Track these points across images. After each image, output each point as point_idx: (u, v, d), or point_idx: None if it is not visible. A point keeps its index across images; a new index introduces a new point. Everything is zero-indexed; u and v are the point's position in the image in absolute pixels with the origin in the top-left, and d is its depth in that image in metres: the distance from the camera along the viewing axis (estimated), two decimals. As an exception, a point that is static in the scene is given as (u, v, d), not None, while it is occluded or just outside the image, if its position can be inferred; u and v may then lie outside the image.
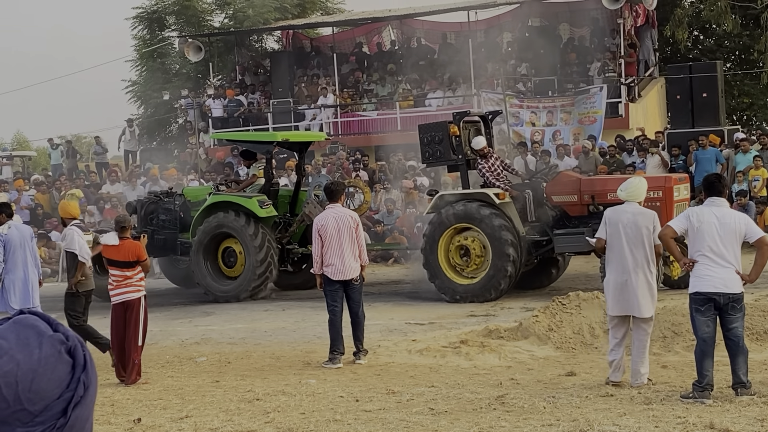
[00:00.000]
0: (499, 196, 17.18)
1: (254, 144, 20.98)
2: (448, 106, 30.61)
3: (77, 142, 46.85)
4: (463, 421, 9.11)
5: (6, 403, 1.44)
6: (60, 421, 1.47)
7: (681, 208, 16.83)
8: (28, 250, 14.08)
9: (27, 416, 1.45)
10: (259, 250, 19.03)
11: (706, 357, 9.63)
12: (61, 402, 1.48)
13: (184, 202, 20.45)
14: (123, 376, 11.89)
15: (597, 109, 28.08)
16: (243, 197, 19.47)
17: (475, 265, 17.38)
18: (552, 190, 17.43)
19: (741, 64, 37.54)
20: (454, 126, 17.85)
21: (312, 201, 19.64)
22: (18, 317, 1.53)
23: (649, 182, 17.14)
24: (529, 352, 12.92)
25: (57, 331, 1.53)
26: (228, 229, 19.36)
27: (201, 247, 19.43)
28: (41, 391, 1.47)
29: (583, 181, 17.53)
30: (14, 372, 1.45)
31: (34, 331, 1.51)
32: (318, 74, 35.12)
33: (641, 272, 10.40)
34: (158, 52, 40.77)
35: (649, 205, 16.42)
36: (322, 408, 10.01)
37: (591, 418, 9.01)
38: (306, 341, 14.37)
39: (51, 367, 1.49)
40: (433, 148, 18.06)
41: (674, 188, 16.67)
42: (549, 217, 17.50)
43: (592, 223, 17.04)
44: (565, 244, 17.08)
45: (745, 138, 25.04)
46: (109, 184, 30.38)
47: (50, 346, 1.50)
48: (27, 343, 1.49)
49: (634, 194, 10.67)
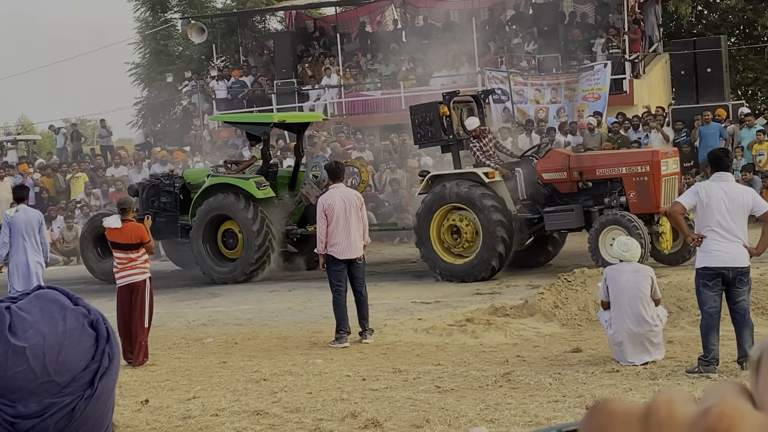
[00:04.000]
0: (489, 175, 17.18)
1: (251, 125, 20.99)
2: (452, 85, 30.54)
3: (82, 125, 46.85)
4: (469, 399, 9.14)
5: (34, 375, 1.47)
6: (87, 391, 1.50)
7: (669, 182, 16.84)
8: (33, 234, 14.13)
9: (55, 387, 1.48)
10: (258, 234, 19.02)
11: (711, 331, 9.64)
12: (87, 373, 1.51)
13: (183, 184, 20.49)
14: (130, 358, 11.93)
15: (601, 85, 27.98)
16: (240, 179, 19.47)
17: (467, 243, 17.41)
18: (542, 167, 17.47)
19: (745, 38, 37.34)
20: (444, 106, 17.86)
21: (310, 182, 19.66)
22: (39, 291, 1.55)
23: (637, 157, 17.33)
24: (534, 329, 12.95)
25: (78, 304, 1.55)
26: (226, 211, 19.39)
27: (200, 228, 19.46)
28: (68, 362, 1.49)
29: (572, 158, 17.59)
30: (41, 344, 1.48)
31: (56, 305, 1.53)
32: (322, 54, 35.03)
33: (646, 325, 10.37)
34: (161, 35, 40.69)
35: (636, 180, 16.68)
36: (328, 387, 10.04)
37: (597, 393, 9.03)
38: (312, 321, 14.40)
39: (76, 339, 1.51)
40: (425, 128, 18.10)
41: (662, 162, 16.67)
42: (541, 195, 17.54)
43: (582, 199, 17.14)
44: (555, 222, 17.14)
45: (750, 113, 24.97)
46: (113, 168, 30.39)
47: (74, 319, 1.53)
48: (51, 317, 1.51)
49: (636, 255, 10.66)
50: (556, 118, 27.67)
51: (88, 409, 1.49)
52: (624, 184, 16.74)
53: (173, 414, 9.26)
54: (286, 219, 19.94)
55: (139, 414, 9.38)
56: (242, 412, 9.14)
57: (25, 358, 1.47)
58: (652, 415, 0.71)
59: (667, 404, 0.71)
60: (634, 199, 16.58)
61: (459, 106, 18.48)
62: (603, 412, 0.73)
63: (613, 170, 16.89)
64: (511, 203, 17.26)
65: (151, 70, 40.43)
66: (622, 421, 0.72)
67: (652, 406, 0.72)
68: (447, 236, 17.54)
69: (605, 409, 0.73)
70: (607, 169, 16.97)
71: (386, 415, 8.66)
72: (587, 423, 0.73)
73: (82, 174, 29.67)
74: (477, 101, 18.80)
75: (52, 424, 1.46)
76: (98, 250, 20.87)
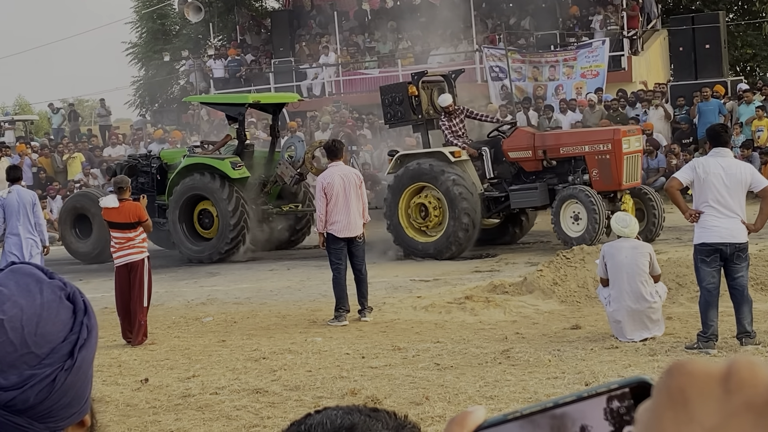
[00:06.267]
0: (455, 154, 17.40)
1: (226, 106, 21.03)
2: (450, 63, 30.47)
3: (79, 105, 46.76)
4: (468, 376, 9.15)
5: (13, 347, 1.48)
6: (67, 362, 1.51)
7: (631, 159, 17.05)
8: (27, 215, 14.15)
9: (35, 359, 1.49)
10: (233, 213, 19.07)
11: (710, 307, 9.65)
12: (66, 344, 1.52)
13: (160, 164, 20.53)
14: (129, 337, 11.94)
15: (600, 62, 27.92)
16: (216, 159, 19.54)
17: (434, 221, 17.62)
18: (508, 146, 17.75)
19: (743, 14, 37.21)
20: (413, 86, 18.06)
21: (284, 162, 19.75)
22: (13, 266, 1.56)
23: (599, 135, 17.59)
24: (533, 306, 12.97)
25: (53, 278, 1.55)
26: (202, 191, 19.45)
27: (176, 208, 19.50)
28: (47, 334, 1.50)
29: (536, 136, 17.86)
30: (19, 317, 1.49)
31: (32, 278, 1.54)
32: (319, 33, 34.92)
33: (644, 302, 10.36)
34: (158, 13, 40.57)
35: (598, 158, 16.88)
36: (328, 365, 10.06)
37: (596, 370, 9.05)
38: (311, 300, 14.41)
39: (54, 311, 1.52)
40: (394, 108, 18.30)
41: (623, 140, 16.90)
42: (507, 173, 17.83)
43: (546, 177, 17.41)
44: (521, 200, 17.44)
45: (749, 89, 24.92)
46: (110, 148, 30.35)
47: (50, 291, 1.54)
48: (28, 290, 1.52)
49: (634, 231, 10.66)
50: (555, 95, 27.63)
51: (68, 381, 1.51)
52: (587, 162, 17.03)
53: (173, 393, 9.28)
54: (262, 199, 20.01)
55: (139, 393, 9.39)
56: (242, 391, 9.16)
57: (3, 330, 1.47)
58: (734, 376, 0.70)
59: (749, 366, 0.71)
60: (597, 176, 16.88)
61: (429, 86, 18.73)
62: (682, 372, 0.72)
63: (576, 149, 17.17)
64: (477, 182, 17.55)
65: (148, 49, 40.32)
66: (702, 381, 0.71)
67: (733, 367, 0.71)
68: (415, 214, 17.76)
69: (684, 368, 0.72)
70: (571, 147, 17.26)
71: (386, 393, 8.68)
72: (665, 383, 0.72)
73: (79, 154, 29.65)
74: (447, 81, 18.98)
75: (33, 395, 1.47)
76: (77, 230, 20.93)
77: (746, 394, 0.70)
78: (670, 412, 0.71)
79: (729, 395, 0.70)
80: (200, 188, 19.43)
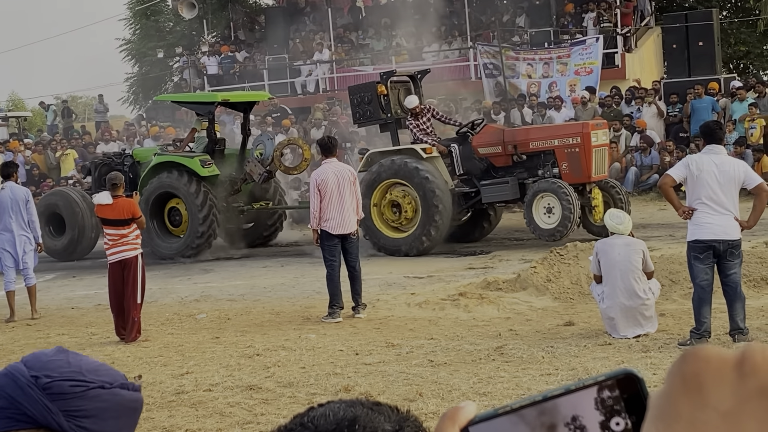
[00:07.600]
0: (426, 151, 17.64)
1: (196, 105, 21.10)
2: (444, 60, 30.48)
3: (72, 102, 46.67)
4: (462, 373, 9.16)
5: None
6: (114, 390, 1.70)
7: (599, 153, 17.35)
8: (20, 212, 14.14)
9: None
10: (201, 208, 19.17)
11: (703, 304, 9.66)
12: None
13: (133, 162, 20.57)
14: (123, 334, 11.93)
15: (593, 60, 27.96)
16: (186, 157, 19.63)
17: (406, 219, 17.82)
18: (478, 142, 18.03)
19: (737, 12, 37.27)
20: (382, 86, 18.27)
21: (253, 160, 19.85)
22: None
23: (567, 129, 17.91)
24: (527, 303, 12.98)
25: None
26: (171, 188, 19.53)
27: (147, 206, 19.50)
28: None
29: (506, 132, 18.16)
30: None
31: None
32: (313, 30, 34.90)
33: (638, 299, 10.38)
34: (151, 10, 40.52)
35: (568, 151, 17.08)
36: (322, 362, 10.06)
37: (589, 366, 9.06)
38: (305, 296, 14.41)
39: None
40: (363, 108, 18.55)
41: (592, 134, 17.19)
42: (477, 169, 18.06)
43: (516, 172, 17.70)
44: (492, 194, 17.73)
45: (742, 86, 24.95)
46: (103, 144, 30.30)
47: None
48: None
49: (628, 228, 10.67)
50: (548, 92, 27.65)
51: (103, 398, 1.66)
52: (556, 155, 17.36)
53: (166, 389, 9.27)
54: (233, 197, 20.07)
55: (133, 389, 9.37)
56: (235, 387, 9.16)
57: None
58: (747, 361, 0.72)
59: (763, 351, 0.72)
60: (567, 170, 17.21)
61: (396, 86, 18.97)
62: (697, 358, 0.73)
63: (546, 143, 17.49)
64: (448, 178, 17.78)
65: (141, 45, 40.27)
66: (716, 366, 0.72)
67: (747, 353, 0.72)
68: (387, 211, 17.97)
69: (699, 354, 0.73)
70: (540, 141, 17.56)
71: (379, 389, 8.69)
72: (680, 368, 0.73)
73: (72, 150, 29.61)
74: (413, 81, 19.22)
75: (67, 385, 1.63)
76: (50, 228, 20.93)
77: (760, 378, 0.71)
78: (684, 396, 0.72)
79: (743, 380, 0.71)
80: (169, 186, 19.56)
